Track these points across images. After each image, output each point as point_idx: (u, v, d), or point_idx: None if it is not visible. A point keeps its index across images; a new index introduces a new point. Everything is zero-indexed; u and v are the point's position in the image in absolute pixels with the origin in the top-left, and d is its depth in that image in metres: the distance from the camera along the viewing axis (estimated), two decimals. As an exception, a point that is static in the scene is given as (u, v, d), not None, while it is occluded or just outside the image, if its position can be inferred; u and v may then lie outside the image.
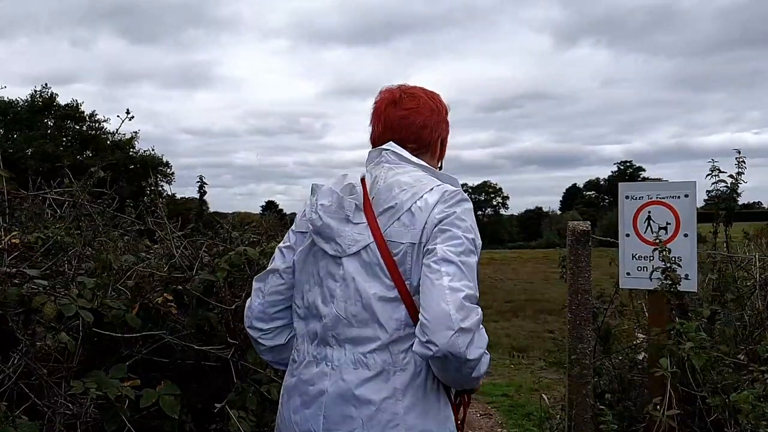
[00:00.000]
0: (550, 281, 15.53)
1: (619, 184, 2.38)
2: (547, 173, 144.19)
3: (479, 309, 1.19)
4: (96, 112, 45.32)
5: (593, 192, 70.28)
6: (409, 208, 1.29)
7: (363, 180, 1.37)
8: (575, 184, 74.44)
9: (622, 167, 67.65)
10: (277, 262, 1.44)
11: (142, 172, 47.47)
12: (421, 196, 1.29)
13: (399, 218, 1.29)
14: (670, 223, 2.27)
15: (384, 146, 1.41)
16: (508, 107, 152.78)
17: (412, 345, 1.21)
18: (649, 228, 2.31)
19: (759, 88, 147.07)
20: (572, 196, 72.51)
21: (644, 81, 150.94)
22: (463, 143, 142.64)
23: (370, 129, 1.51)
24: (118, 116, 2.59)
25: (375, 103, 1.49)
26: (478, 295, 1.21)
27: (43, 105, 42.96)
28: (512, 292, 13.44)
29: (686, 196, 2.25)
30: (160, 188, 50.24)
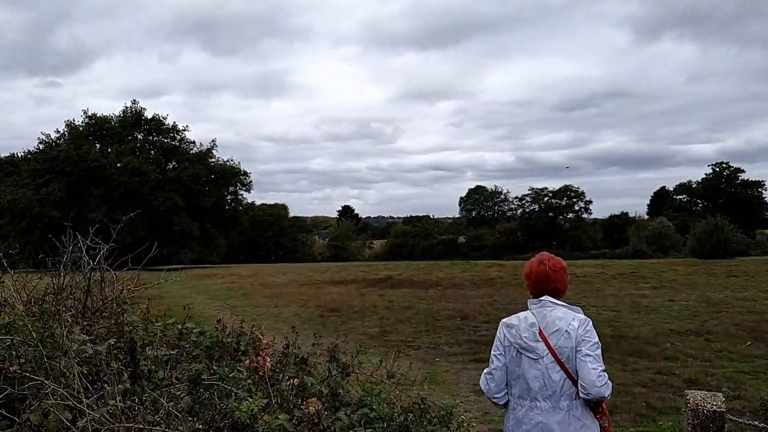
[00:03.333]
0: (639, 309, 14.07)
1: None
2: (630, 175, 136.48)
3: (606, 375, 2.63)
4: (176, 123, 47.11)
5: (684, 195, 65.45)
6: (567, 329, 2.71)
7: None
8: (664, 186, 69.72)
9: (717, 169, 62.51)
10: (495, 364, 2.86)
11: (222, 182, 49.18)
12: (571, 322, 2.74)
13: (564, 338, 2.69)
14: None
15: (542, 298, 2.84)
16: (585, 106, 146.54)
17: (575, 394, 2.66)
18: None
19: None
20: (661, 199, 67.97)
21: (736, 74, 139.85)
22: (540, 144, 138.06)
23: (528, 284, 2.98)
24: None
25: (529, 269, 2.98)
26: (604, 366, 2.65)
27: (133, 120, 45.28)
28: (596, 324, 12.07)
29: None
30: (240, 197, 52.03)
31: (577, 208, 62.57)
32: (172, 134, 46.89)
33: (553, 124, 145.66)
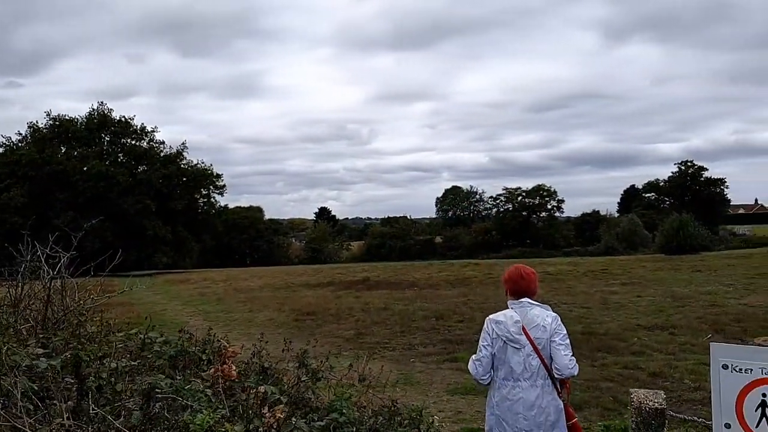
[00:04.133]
0: (609, 306, 14.33)
1: (712, 345, 1.54)
2: (601, 174, 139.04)
3: (575, 359, 3.37)
4: (145, 125, 46.17)
5: (652, 193, 66.78)
6: (546, 325, 3.39)
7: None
8: (633, 185, 70.99)
9: (683, 167, 63.95)
10: (484, 352, 3.47)
11: (194, 184, 48.46)
12: (546, 319, 3.42)
13: (541, 331, 3.36)
14: (801, 418, 1.42)
15: (521, 299, 3.50)
16: (557, 107, 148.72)
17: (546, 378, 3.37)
18: (764, 420, 1.46)
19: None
20: (630, 197, 69.23)
21: (701, 77, 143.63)
22: (514, 145, 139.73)
23: (507, 288, 3.63)
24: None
25: (508, 276, 3.63)
26: (572, 352, 3.38)
27: (98, 122, 44.21)
28: (567, 321, 12.23)
29: (829, 377, 1.39)
30: (213, 199, 51.35)
31: (549, 207, 63.40)
32: (140, 136, 45.98)
33: (526, 125, 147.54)
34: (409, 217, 69.21)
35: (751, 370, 1.49)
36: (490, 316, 3.59)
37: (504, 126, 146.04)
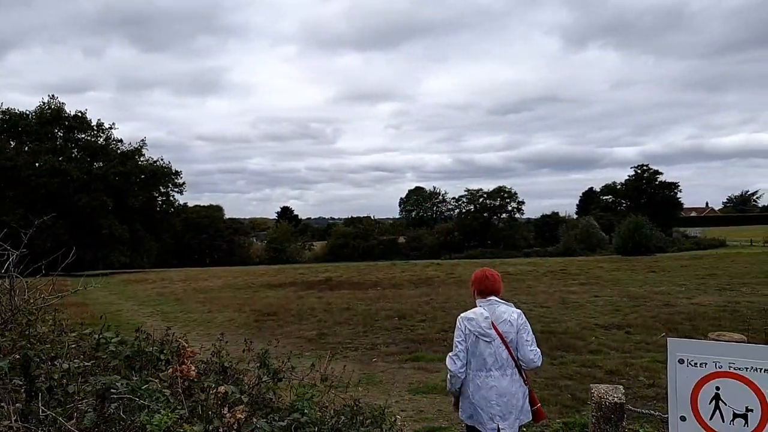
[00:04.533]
0: (567, 305, 14.63)
1: (669, 340, 1.58)
2: (561, 176, 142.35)
3: (539, 351, 3.74)
4: (102, 120, 44.86)
5: (610, 196, 68.64)
6: (513, 319, 3.69)
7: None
8: (592, 187, 72.87)
9: (639, 171, 65.95)
10: (459, 347, 3.73)
11: (153, 182, 47.30)
12: (512, 314, 3.73)
13: (508, 326, 3.67)
14: (752, 410, 1.47)
15: (489, 298, 3.81)
16: (520, 110, 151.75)
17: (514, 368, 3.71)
18: (718, 412, 1.51)
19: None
20: (589, 199, 71.00)
21: (656, 83, 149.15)
22: (477, 147, 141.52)
23: (474, 288, 3.93)
24: None
25: (476, 278, 3.93)
26: (536, 345, 3.77)
27: (51, 117, 42.69)
28: (527, 320, 12.54)
29: (778, 369, 1.44)
30: (172, 197, 50.20)
31: (510, 208, 64.44)
32: (96, 132, 44.63)
33: (489, 127, 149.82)
34: (372, 218, 69.24)
35: (706, 364, 1.54)
36: (462, 315, 3.87)
37: (467, 128, 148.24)
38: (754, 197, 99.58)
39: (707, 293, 15.83)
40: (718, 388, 1.51)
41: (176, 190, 49.44)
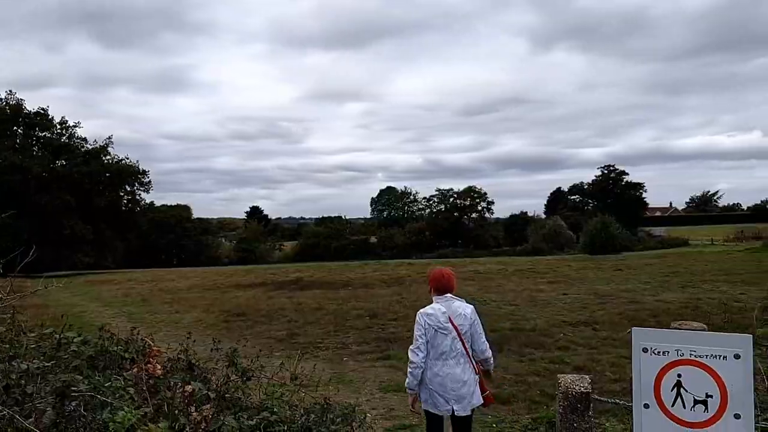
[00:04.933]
0: (536, 303, 14.84)
1: (633, 330, 1.61)
2: (529, 177, 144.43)
3: (487, 343, 4.27)
4: (66, 118, 43.71)
5: (577, 196, 69.90)
6: (467, 314, 4.17)
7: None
8: (559, 187, 74.06)
9: (605, 171, 67.32)
10: (420, 341, 4.11)
11: (118, 181, 46.24)
12: (466, 309, 4.20)
13: (463, 319, 4.14)
14: (711, 396, 1.51)
15: (446, 295, 4.23)
16: (487, 111, 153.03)
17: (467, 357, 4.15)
18: (679, 399, 1.54)
19: (732, 92, 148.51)
20: (557, 199, 72.12)
21: (620, 85, 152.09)
22: (446, 147, 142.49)
23: (431, 286, 4.35)
24: None
25: (433, 276, 4.38)
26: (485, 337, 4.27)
27: (11, 113, 41.38)
28: (496, 317, 12.68)
29: (737, 357, 1.48)
30: (138, 197, 49.17)
31: (480, 208, 65.05)
32: (61, 131, 43.47)
33: (457, 128, 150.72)
34: (344, 217, 69.04)
35: (668, 352, 1.57)
36: (421, 311, 4.28)
37: (436, 128, 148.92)
38: (715, 198, 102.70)
39: (671, 290, 16.25)
40: (679, 376, 1.55)
41: (142, 189, 48.49)
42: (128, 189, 47.41)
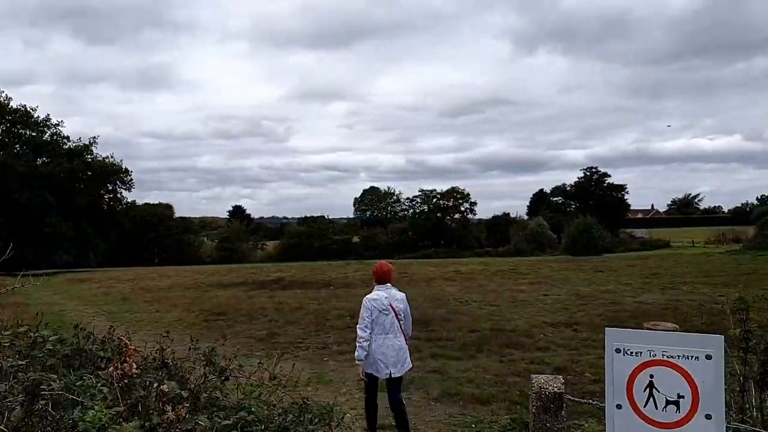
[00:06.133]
0: (517, 304, 14.93)
1: (606, 330, 1.63)
2: (511, 178, 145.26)
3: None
4: (50, 116, 43.03)
5: (559, 197, 70.39)
6: (402, 299, 5.51)
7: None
8: (542, 189, 74.48)
9: (588, 173, 67.92)
10: (367, 320, 5.27)
11: (100, 179, 45.61)
12: (400, 296, 5.52)
13: (399, 303, 5.44)
14: (683, 396, 1.53)
15: (386, 284, 5.49)
16: (470, 113, 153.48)
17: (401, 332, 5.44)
18: (651, 400, 1.56)
19: (712, 95, 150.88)
20: (539, 200, 72.54)
21: (602, 88, 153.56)
22: (429, 148, 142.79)
23: (375, 278, 5.56)
24: None
25: (376, 269, 5.61)
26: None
27: (-6, 109, 40.64)
28: (477, 318, 12.74)
29: (709, 357, 1.50)
30: (120, 195, 48.55)
31: (463, 209, 65.20)
32: (43, 129, 42.77)
33: (441, 129, 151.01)
34: (326, 217, 68.80)
35: (641, 352, 1.59)
36: (367, 296, 5.41)
37: (419, 129, 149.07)
38: (696, 200, 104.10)
39: (651, 292, 16.46)
40: (652, 376, 1.57)
41: (124, 187, 47.95)
42: (110, 187, 46.83)
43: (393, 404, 5.41)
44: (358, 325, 5.34)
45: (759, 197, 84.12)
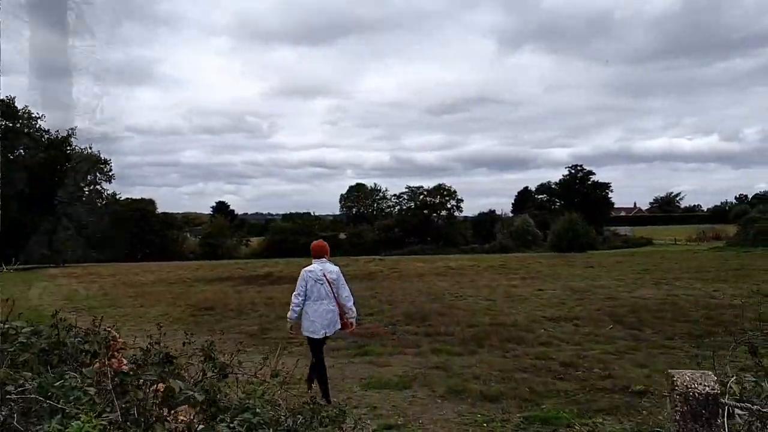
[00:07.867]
0: (513, 299, 14.62)
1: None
2: (497, 176, 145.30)
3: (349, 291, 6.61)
4: (28, 107, 41.94)
5: (545, 195, 70.53)
6: (335, 271, 6.50)
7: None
8: (527, 187, 74.54)
9: (573, 171, 68.10)
10: (302, 289, 6.35)
11: (80, 171, 44.51)
12: (335, 269, 6.53)
13: (332, 274, 6.43)
14: None
15: (322, 258, 6.53)
16: (456, 111, 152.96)
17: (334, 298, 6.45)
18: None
19: (694, 95, 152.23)
20: (524, 198, 72.63)
21: (586, 87, 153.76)
22: (415, 145, 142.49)
23: (313, 253, 6.64)
24: None
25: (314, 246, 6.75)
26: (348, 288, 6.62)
27: (-34, 100, 39.40)
28: (474, 312, 12.40)
29: None
30: (99, 187, 47.57)
31: (449, 206, 65.08)
32: (21, 121, 41.68)
33: (426, 127, 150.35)
34: (312, 214, 68.26)
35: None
36: (305, 268, 6.38)
37: (405, 126, 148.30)
38: (677, 199, 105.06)
39: (645, 287, 16.28)
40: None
41: (105, 179, 46.97)
42: (90, 179, 45.83)
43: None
44: (293, 293, 6.37)
45: (737, 196, 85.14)
